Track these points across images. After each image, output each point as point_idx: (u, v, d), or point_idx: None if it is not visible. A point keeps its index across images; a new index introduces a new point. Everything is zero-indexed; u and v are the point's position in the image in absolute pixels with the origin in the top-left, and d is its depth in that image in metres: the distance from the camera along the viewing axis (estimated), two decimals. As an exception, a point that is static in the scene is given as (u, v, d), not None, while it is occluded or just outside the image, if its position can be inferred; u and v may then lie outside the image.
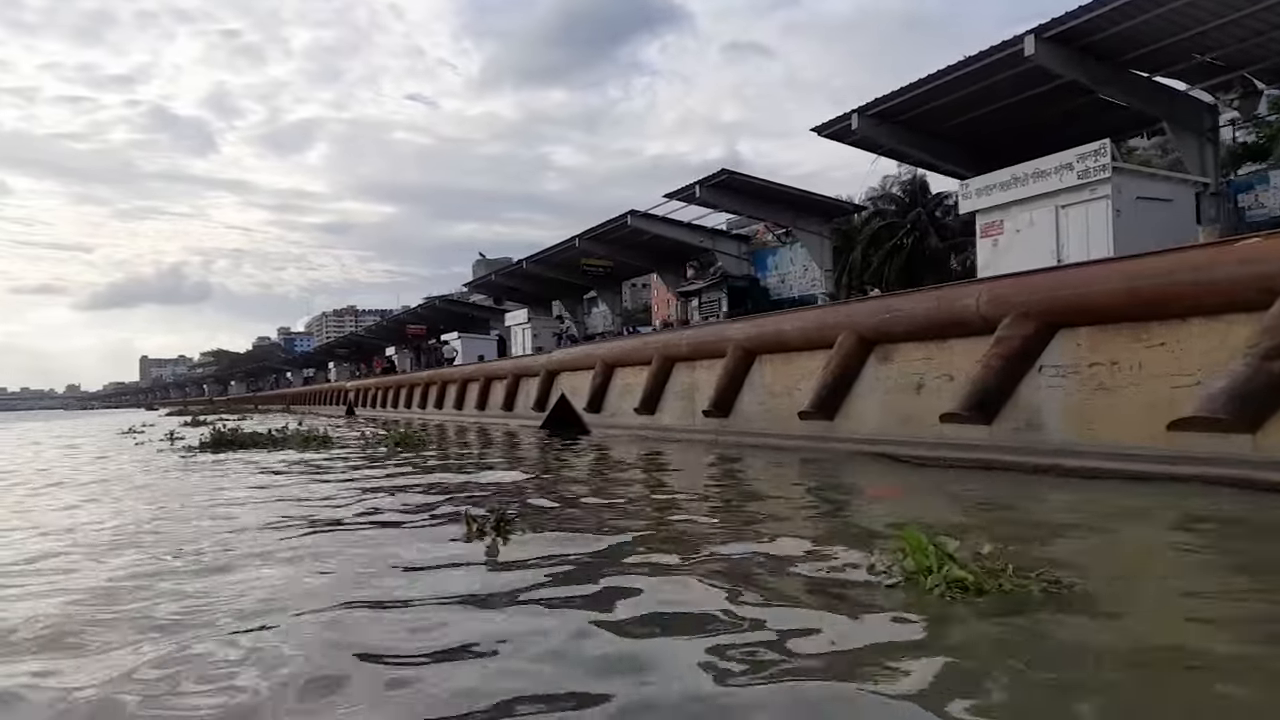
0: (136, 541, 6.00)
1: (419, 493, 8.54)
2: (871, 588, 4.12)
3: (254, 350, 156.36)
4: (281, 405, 60.06)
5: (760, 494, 8.32)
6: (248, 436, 18.39)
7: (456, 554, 5.31)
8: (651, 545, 5.45)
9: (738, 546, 5.28)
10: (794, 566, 4.67)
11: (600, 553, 5.25)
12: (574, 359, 17.96)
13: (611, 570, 4.75)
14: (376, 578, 4.67)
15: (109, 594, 4.41)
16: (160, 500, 8.46)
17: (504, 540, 5.58)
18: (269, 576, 4.74)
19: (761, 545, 5.30)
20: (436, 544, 5.67)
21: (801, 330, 11.34)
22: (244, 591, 4.36)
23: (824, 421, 11.03)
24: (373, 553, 5.38)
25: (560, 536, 5.85)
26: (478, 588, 4.41)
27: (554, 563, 4.95)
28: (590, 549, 5.35)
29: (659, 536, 5.86)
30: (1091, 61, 14.41)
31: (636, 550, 5.28)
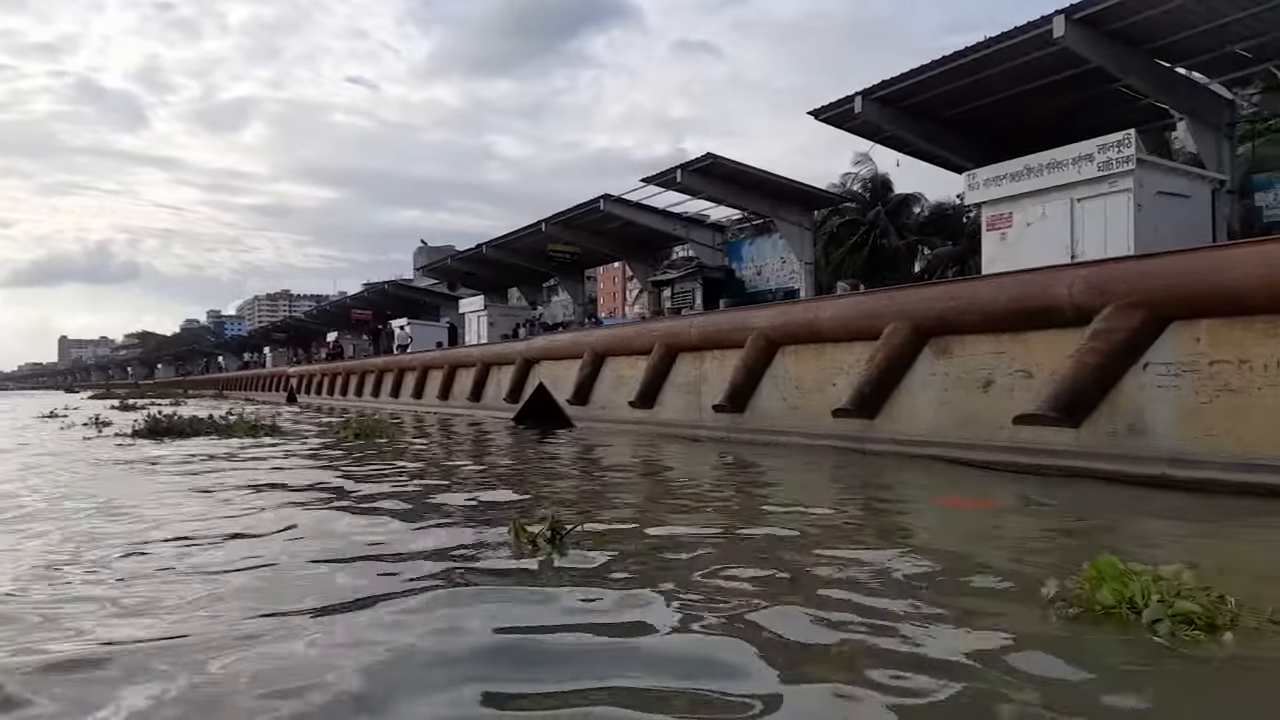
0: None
1: (423, 503, 7.01)
2: (1078, 631, 3.27)
3: (182, 333, 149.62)
4: (214, 390, 56.73)
5: (823, 500, 7.03)
6: (187, 423, 16.49)
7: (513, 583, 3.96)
8: (747, 564, 4.36)
9: (864, 573, 4.16)
10: (953, 597, 3.77)
11: (697, 583, 3.98)
12: (558, 347, 16.44)
13: (727, 609, 3.50)
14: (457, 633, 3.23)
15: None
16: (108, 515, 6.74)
17: (560, 554, 4.55)
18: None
19: (893, 562, 4.33)
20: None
21: (841, 319, 10.10)
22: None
23: (863, 420, 9.82)
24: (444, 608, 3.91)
25: (626, 551, 4.68)
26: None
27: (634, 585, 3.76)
28: (675, 575, 4.17)
29: (750, 554, 4.57)
30: (1120, 47, 13.55)
31: (727, 570, 4.22)
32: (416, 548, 4.80)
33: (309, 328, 56.59)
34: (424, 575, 4.17)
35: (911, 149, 18.01)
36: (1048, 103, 15.74)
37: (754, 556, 4.59)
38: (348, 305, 48.02)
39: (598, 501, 6.98)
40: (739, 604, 3.64)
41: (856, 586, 3.90)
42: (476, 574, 4.22)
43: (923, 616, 3.46)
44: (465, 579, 4.12)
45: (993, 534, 5.75)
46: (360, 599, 3.73)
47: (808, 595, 3.77)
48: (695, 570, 4.25)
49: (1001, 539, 5.54)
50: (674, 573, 4.22)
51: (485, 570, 4.31)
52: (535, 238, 28.08)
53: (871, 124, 16.82)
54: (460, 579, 4.12)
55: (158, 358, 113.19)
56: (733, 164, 20.71)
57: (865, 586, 3.92)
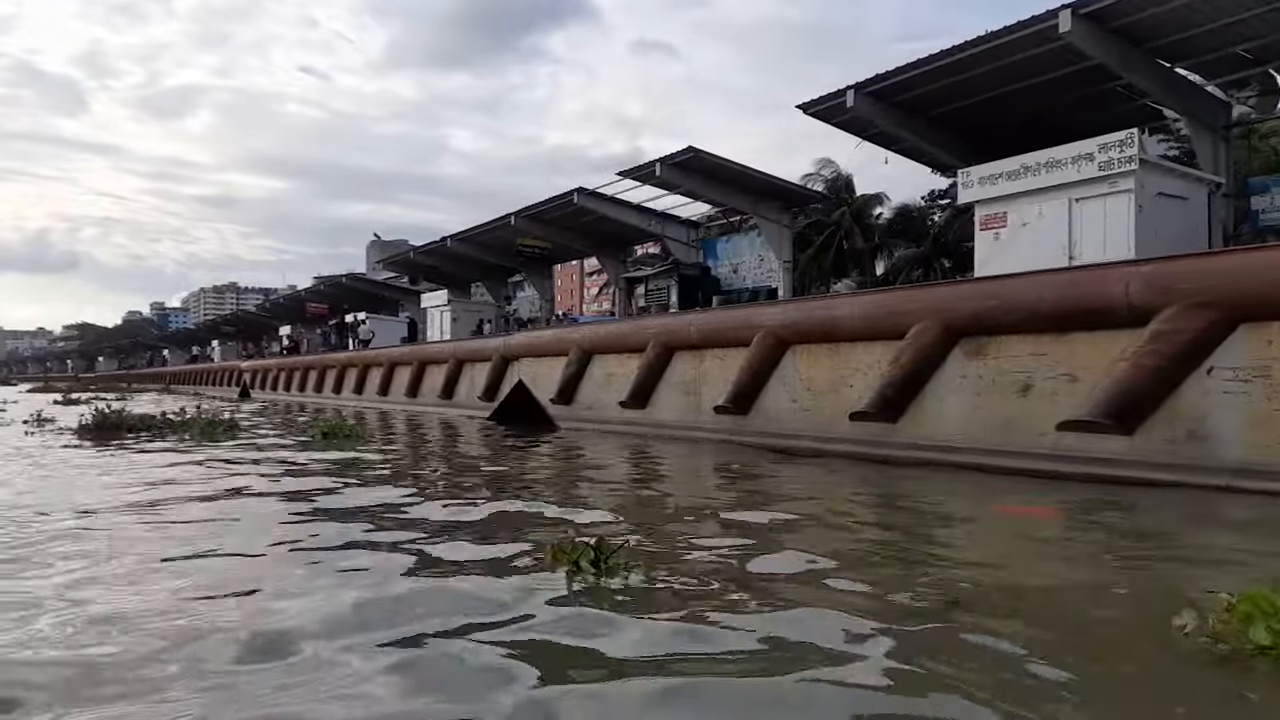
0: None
1: (433, 520, 6.14)
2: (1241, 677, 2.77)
3: (124, 325, 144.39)
4: (160, 385, 54.30)
5: (872, 513, 6.36)
6: (138, 420, 15.30)
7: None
8: (831, 593, 3.75)
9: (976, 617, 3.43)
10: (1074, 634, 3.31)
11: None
12: (541, 343, 15.55)
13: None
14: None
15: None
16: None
17: (603, 577, 3.95)
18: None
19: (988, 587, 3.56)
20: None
21: (863, 317, 9.45)
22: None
23: (883, 425, 9.19)
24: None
25: (680, 574, 4.10)
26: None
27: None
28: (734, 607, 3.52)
29: (823, 582, 3.87)
30: (1123, 44, 13.20)
31: (827, 605, 3.58)
32: (455, 593, 3.95)
33: (260, 321, 54.55)
34: (482, 622, 3.35)
35: (900, 146, 17.54)
36: (1041, 102, 15.37)
37: (831, 587, 3.92)
38: (302, 298, 46.31)
39: (625, 514, 6.19)
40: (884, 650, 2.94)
41: (983, 633, 3.23)
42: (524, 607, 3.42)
43: (1052, 650, 3.00)
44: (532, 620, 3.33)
45: (1071, 550, 5.18)
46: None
47: (930, 647, 3.07)
48: (791, 603, 3.54)
49: (1082, 555, 5.01)
50: (773, 613, 3.49)
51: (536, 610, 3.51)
52: (503, 231, 27.09)
53: (862, 119, 16.29)
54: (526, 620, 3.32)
55: (98, 350, 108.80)
56: (713, 158, 20.04)
57: (985, 629, 3.26)
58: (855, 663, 2.90)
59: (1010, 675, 2.82)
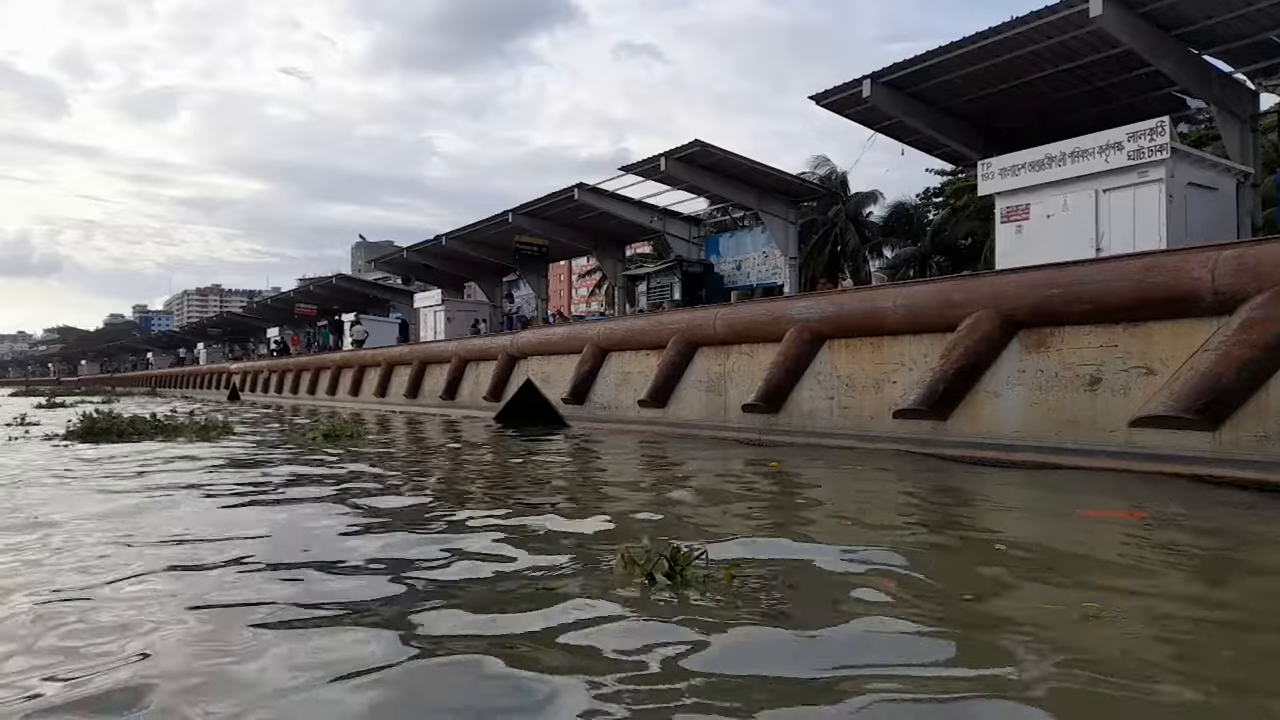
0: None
1: (480, 530, 5.50)
2: None
3: (106, 328, 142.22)
4: (146, 388, 53.09)
5: (942, 513, 5.78)
6: (128, 423, 14.60)
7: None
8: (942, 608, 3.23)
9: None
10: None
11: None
12: (552, 341, 14.90)
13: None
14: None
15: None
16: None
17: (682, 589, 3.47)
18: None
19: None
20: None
21: (909, 309, 8.88)
22: None
23: (933, 421, 8.64)
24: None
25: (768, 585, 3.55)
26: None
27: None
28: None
29: (930, 591, 3.33)
30: (1153, 29, 12.75)
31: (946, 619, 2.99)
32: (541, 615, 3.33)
33: (248, 323, 53.44)
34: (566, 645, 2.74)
35: (915, 138, 17.02)
36: (1063, 91, 14.92)
37: (939, 596, 3.37)
38: (291, 299, 45.30)
39: (675, 517, 5.58)
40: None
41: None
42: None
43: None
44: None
45: (1183, 559, 4.61)
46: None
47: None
48: (934, 621, 2.95)
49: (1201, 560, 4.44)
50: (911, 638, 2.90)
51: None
52: (499, 229, 26.40)
53: (879, 110, 15.76)
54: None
55: (81, 354, 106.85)
56: (720, 152, 19.44)
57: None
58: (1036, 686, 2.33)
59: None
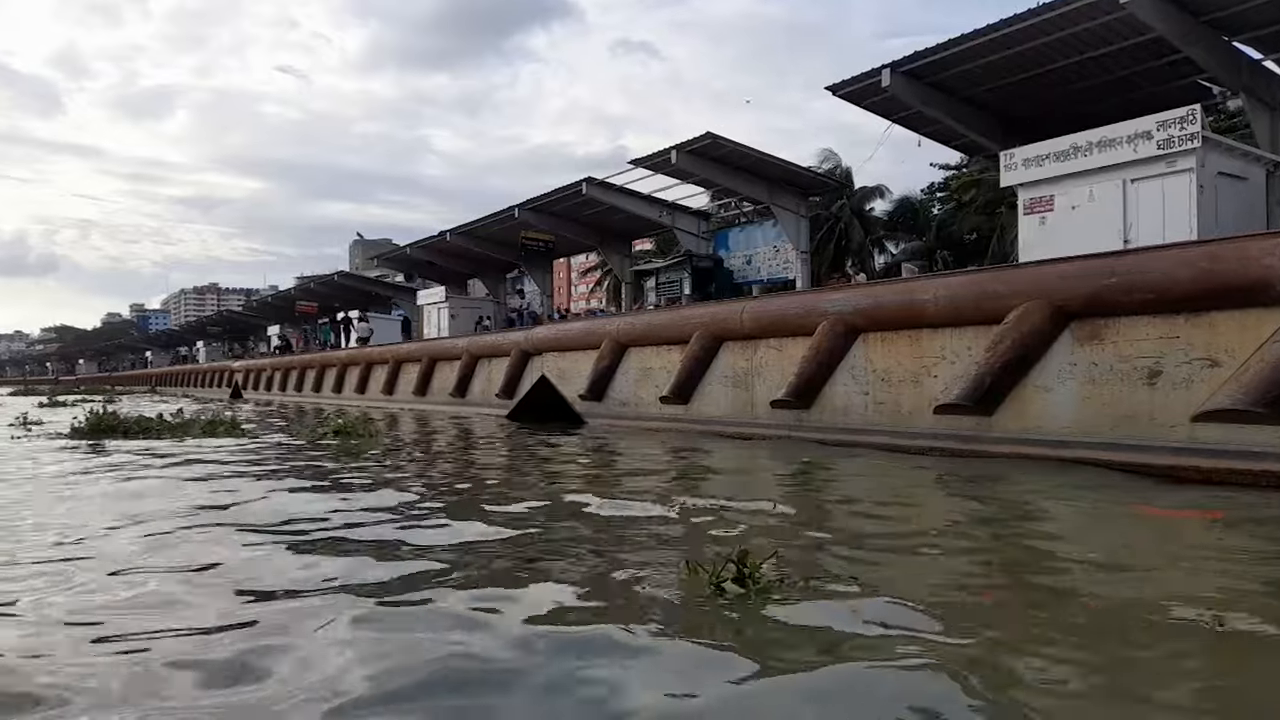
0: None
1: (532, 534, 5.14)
2: None
3: (104, 327, 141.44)
4: (146, 386, 52.57)
5: (1014, 516, 5.43)
6: (134, 422, 14.28)
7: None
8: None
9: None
10: None
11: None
12: (568, 337, 14.52)
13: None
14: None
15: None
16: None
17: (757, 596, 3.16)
18: None
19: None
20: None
21: (951, 300, 8.53)
22: None
23: (977, 417, 8.29)
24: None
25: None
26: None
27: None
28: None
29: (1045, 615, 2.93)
30: (1184, 15, 12.41)
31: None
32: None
33: (247, 321, 52.96)
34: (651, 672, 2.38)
35: (932, 129, 16.68)
36: (1087, 80, 14.58)
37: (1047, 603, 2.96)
38: (292, 297, 44.82)
39: (724, 518, 5.22)
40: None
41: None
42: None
43: None
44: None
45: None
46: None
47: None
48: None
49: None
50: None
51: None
52: (504, 224, 26.03)
53: (897, 100, 15.39)
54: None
55: (79, 353, 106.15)
56: (732, 144, 19.08)
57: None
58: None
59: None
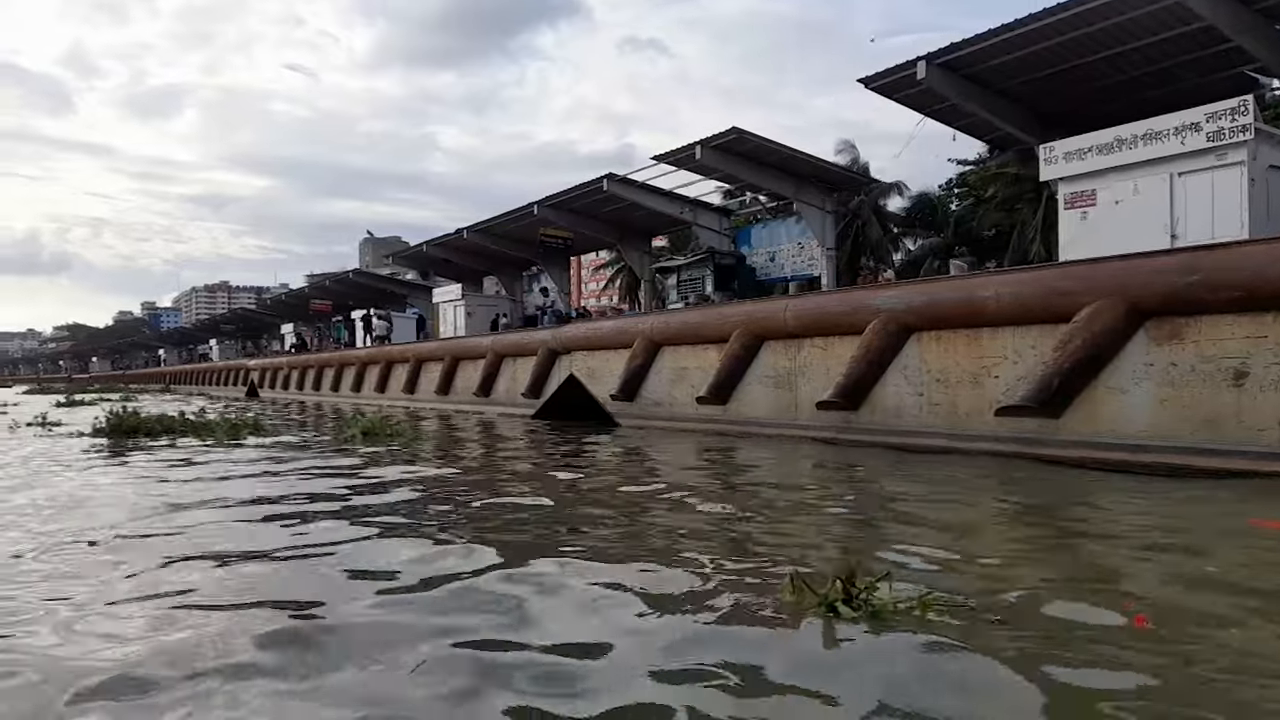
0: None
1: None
2: None
3: (116, 325, 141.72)
4: (160, 384, 52.42)
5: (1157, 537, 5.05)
6: (156, 421, 14.06)
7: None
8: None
9: None
10: None
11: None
12: (599, 335, 14.15)
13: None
14: None
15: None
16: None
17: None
18: None
19: None
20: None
21: (1013, 297, 8.14)
22: None
23: (1042, 419, 7.90)
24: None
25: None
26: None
27: None
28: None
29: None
30: (1235, 4, 12.00)
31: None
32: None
33: (260, 319, 52.77)
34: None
35: (967, 123, 16.26)
36: (1129, 72, 14.16)
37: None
38: (306, 295, 44.61)
39: (800, 528, 4.85)
40: None
41: None
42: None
43: None
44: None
45: None
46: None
47: None
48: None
49: None
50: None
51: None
52: (522, 222, 25.68)
53: (932, 93, 14.98)
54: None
55: (91, 351, 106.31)
56: (758, 139, 18.67)
57: None
58: None
59: None
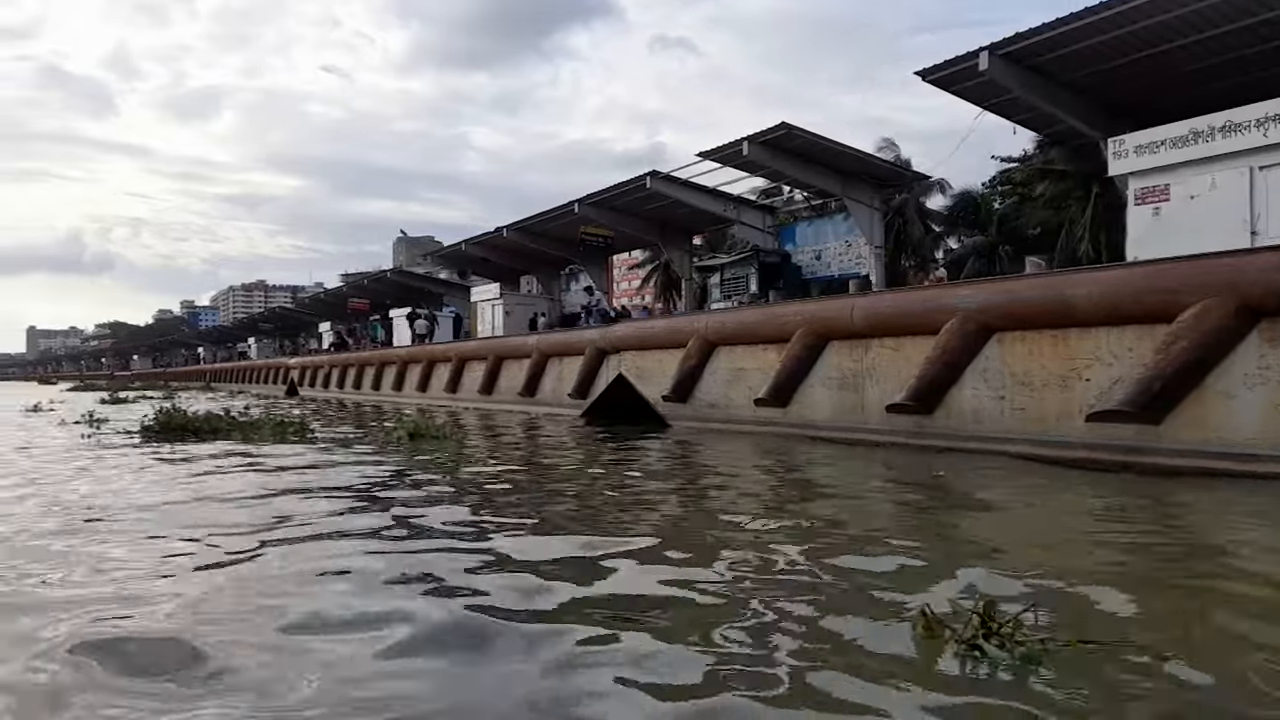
0: None
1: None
2: None
3: (156, 324, 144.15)
4: (201, 382, 52.98)
5: None
6: (203, 421, 13.96)
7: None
8: None
9: None
10: None
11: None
12: (650, 335, 13.79)
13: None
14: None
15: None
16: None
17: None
18: None
19: None
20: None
21: (1108, 296, 7.65)
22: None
23: (1141, 425, 7.40)
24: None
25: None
26: None
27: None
28: None
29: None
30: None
31: None
32: None
33: (298, 318, 53.11)
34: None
35: (1027, 116, 15.68)
36: (1201, 62, 13.52)
37: None
38: (344, 294, 44.78)
39: (939, 553, 4.43)
40: None
41: None
42: None
43: None
44: None
45: None
46: None
47: None
48: None
49: None
50: None
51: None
52: (563, 220, 25.40)
53: (994, 84, 14.40)
54: None
55: (132, 348, 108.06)
56: (807, 135, 18.18)
57: None
58: None
59: None
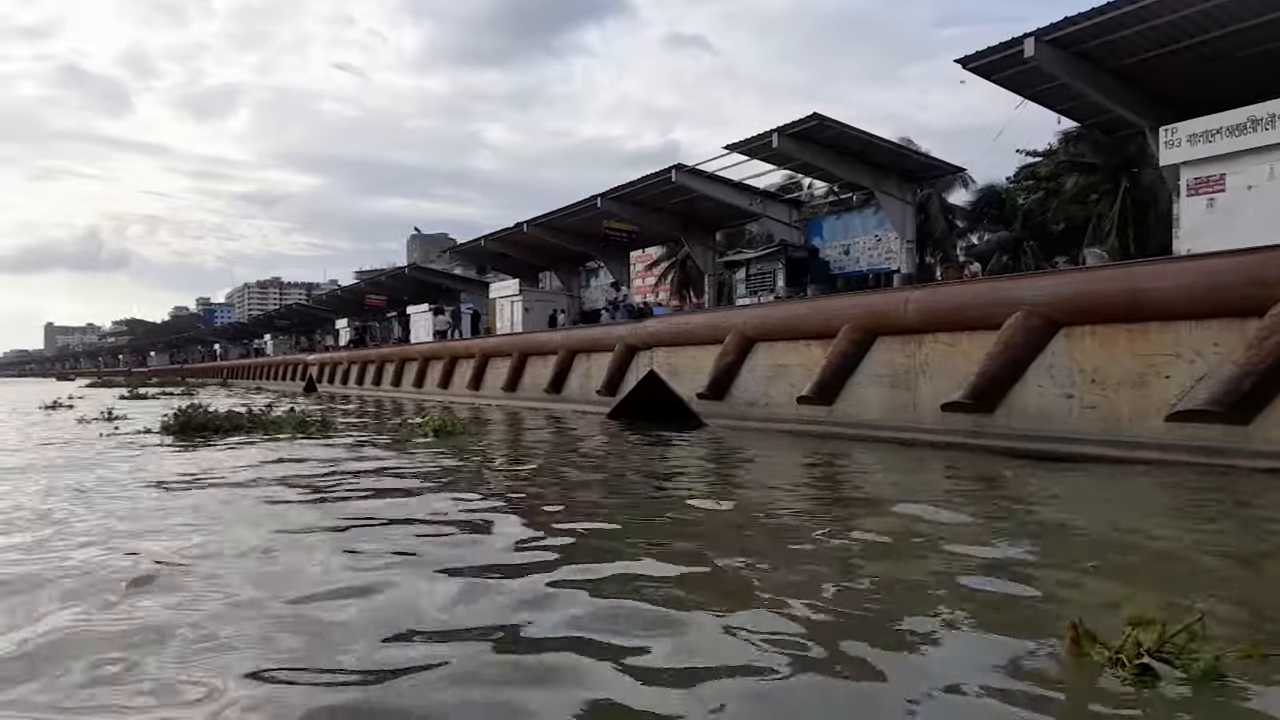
0: None
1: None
2: None
3: (173, 320, 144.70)
4: (218, 379, 52.90)
5: None
6: (224, 418, 13.77)
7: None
8: None
9: None
10: None
11: None
12: (685, 330, 13.35)
13: None
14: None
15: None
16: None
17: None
18: None
19: None
20: None
21: (1188, 288, 7.18)
22: None
23: (1227, 427, 6.93)
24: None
25: None
26: None
27: None
28: None
29: None
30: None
31: None
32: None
33: (314, 314, 52.92)
34: None
35: (1071, 106, 15.11)
36: (1255, 47, 12.97)
37: None
38: (361, 291, 44.51)
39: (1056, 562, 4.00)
40: None
41: None
42: None
43: None
44: None
45: None
46: None
47: None
48: None
49: None
50: None
51: None
52: (585, 215, 24.96)
53: (1039, 72, 13.87)
54: None
55: (149, 345, 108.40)
56: (839, 126, 17.66)
57: None
58: None
59: None
